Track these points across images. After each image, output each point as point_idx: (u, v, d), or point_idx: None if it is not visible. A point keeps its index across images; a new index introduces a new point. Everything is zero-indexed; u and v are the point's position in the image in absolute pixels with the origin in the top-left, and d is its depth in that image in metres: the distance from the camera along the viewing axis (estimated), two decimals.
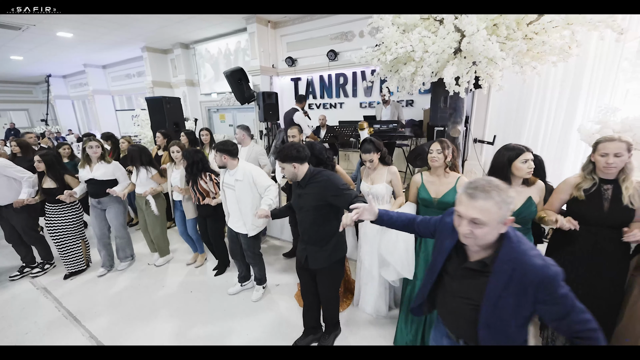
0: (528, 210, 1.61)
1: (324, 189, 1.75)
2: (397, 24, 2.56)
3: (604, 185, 1.52)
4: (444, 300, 1.12)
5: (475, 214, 0.91)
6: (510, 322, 0.96)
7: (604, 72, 3.14)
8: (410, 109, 5.51)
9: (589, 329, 0.90)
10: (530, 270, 0.90)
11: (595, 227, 1.53)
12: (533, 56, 2.37)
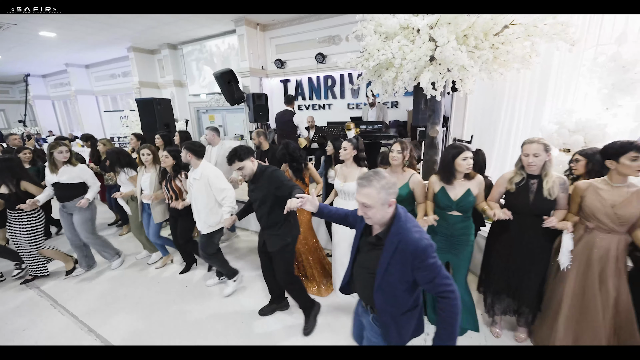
0: (466, 200, 1.90)
1: (269, 183, 2.10)
2: (379, 32, 2.80)
3: (531, 180, 1.80)
4: (356, 273, 1.37)
5: (363, 199, 1.15)
6: (397, 286, 1.20)
7: (566, 78, 3.49)
8: (395, 110, 5.80)
9: (447, 290, 1.13)
10: (409, 242, 1.14)
11: (523, 215, 1.81)
12: (500, 63, 2.66)
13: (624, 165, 1.57)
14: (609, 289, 1.64)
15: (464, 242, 2.00)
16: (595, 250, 1.68)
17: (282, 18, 6.46)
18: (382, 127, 4.31)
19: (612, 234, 1.65)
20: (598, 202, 1.65)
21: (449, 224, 1.99)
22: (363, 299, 1.40)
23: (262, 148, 3.64)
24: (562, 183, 1.74)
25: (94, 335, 2.36)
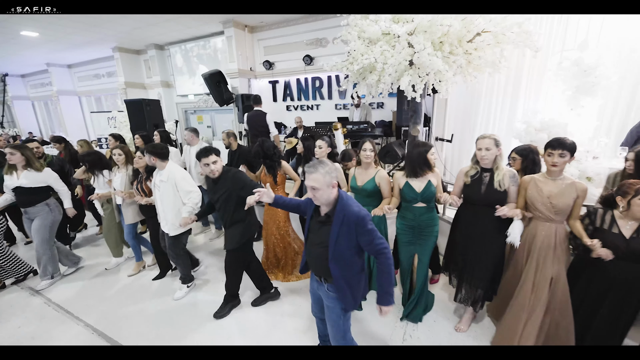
0: (429, 191, 2.11)
1: (232, 183, 2.24)
2: (362, 37, 2.99)
3: (484, 173, 1.98)
4: (309, 250, 1.62)
5: (312, 183, 1.41)
6: (347, 252, 1.49)
7: (536, 80, 3.79)
8: (381, 110, 6.03)
9: (383, 248, 1.45)
10: (352, 215, 1.44)
11: (476, 205, 2.01)
12: (474, 67, 2.90)
13: (545, 159, 1.82)
14: (546, 274, 1.83)
15: (429, 233, 2.21)
16: (536, 238, 1.89)
17: (270, 20, 6.60)
18: (367, 126, 4.52)
19: (551, 223, 1.85)
20: (537, 193, 1.86)
21: (415, 216, 2.20)
22: (318, 273, 1.64)
23: (232, 148, 3.77)
24: (512, 176, 1.94)
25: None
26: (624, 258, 1.64)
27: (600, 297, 1.76)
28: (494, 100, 4.10)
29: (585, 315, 1.83)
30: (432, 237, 2.23)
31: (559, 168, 1.80)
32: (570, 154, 1.76)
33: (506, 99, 4.02)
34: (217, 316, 2.49)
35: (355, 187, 2.43)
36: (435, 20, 2.40)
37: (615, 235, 1.66)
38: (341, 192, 1.50)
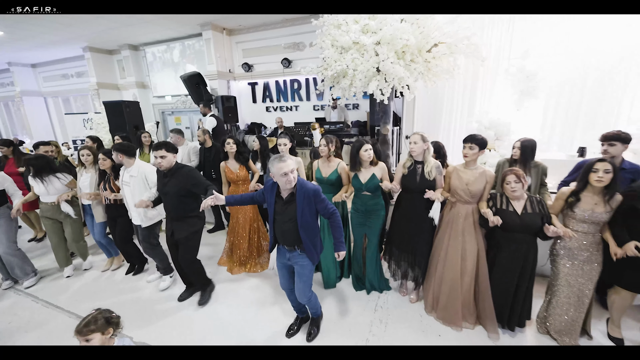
0: (372, 182, 2.49)
1: (185, 179, 2.44)
2: (335, 46, 3.35)
3: (417, 165, 2.40)
4: (280, 228, 2.03)
5: (287, 168, 1.83)
6: (309, 219, 1.96)
7: (489, 85, 4.33)
8: (356, 111, 6.44)
9: (333, 211, 1.99)
10: (309, 190, 1.92)
11: (412, 192, 2.41)
12: (434, 74, 3.34)
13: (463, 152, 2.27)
14: (467, 247, 2.27)
15: (376, 216, 2.59)
16: (459, 216, 2.31)
17: (248, 24, 6.81)
18: (343, 126, 4.88)
19: (468, 205, 2.29)
20: (458, 181, 2.29)
21: (363, 202, 2.57)
22: (290, 244, 2.05)
23: (206, 145, 4.00)
24: (437, 167, 2.37)
25: None
26: (518, 231, 2.09)
27: (501, 263, 2.20)
28: (454, 102, 4.61)
29: (496, 274, 2.25)
30: (379, 220, 2.61)
31: (469, 159, 2.24)
32: (479, 148, 2.20)
33: (465, 101, 4.55)
34: (201, 303, 2.73)
35: (321, 178, 2.78)
36: (395, 34, 2.79)
37: (511, 212, 2.10)
38: (298, 177, 1.95)
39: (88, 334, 1.43)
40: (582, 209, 2.00)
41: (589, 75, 3.84)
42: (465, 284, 2.30)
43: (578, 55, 3.77)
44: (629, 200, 1.96)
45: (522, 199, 2.11)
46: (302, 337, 2.34)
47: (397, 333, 2.35)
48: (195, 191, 2.48)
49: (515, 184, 2.05)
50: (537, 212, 2.07)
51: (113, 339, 1.54)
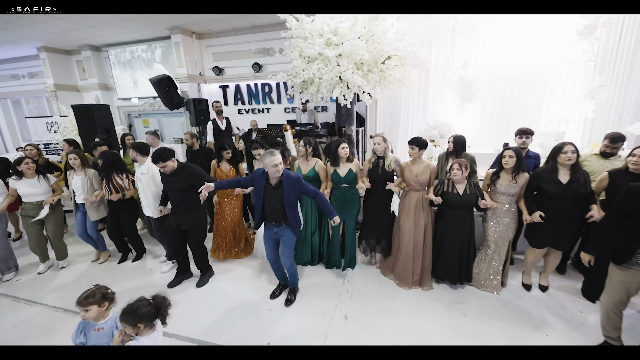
0: (349, 176, 3.05)
1: (191, 177, 2.84)
2: (303, 56, 3.83)
3: (379, 160, 3.00)
4: (269, 209, 2.56)
5: (277, 161, 2.36)
6: (294, 200, 2.50)
7: (438, 91, 5.07)
8: (325, 113, 6.98)
9: (316, 191, 2.54)
10: (292, 177, 2.46)
11: (376, 182, 3.00)
12: (389, 81, 3.95)
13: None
14: (418, 225, 2.89)
15: (352, 205, 3.15)
16: (412, 201, 2.93)
17: (217, 28, 7.09)
18: (313, 127, 5.38)
19: (418, 192, 2.92)
20: (409, 174, 2.91)
21: (342, 193, 3.12)
22: (277, 220, 2.58)
23: (194, 148, 4.36)
24: (396, 161, 2.98)
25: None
26: (460, 207, 2.74)
27: (449, 232, 2.85)
28: (410, 105, 5.31)
29: (441, 245, 2.90)
30: (356, 207, 3.17)
31: (413, 157, 2.89)
32: (419, 148, 2.84)
33: (419, 104, 5.27)
34: (198, 285, 3.12)
35: (300, 175, 3.25)
36: (353, 50, 3.35)
37: (454, 194, 2.74)
38: (284, 169, 2.52)
39: (87, 306, 1.71)
40: (500, 184, 2.72)
41: (515, 84, 4.70)
42: (417, 253, 2.92)
43: (506, 67, 4.61)
44: (535, 181, 2.66)
45: (463, 183, 2.75)
46: (283, 300, 2.86)
47: (360, 299, 2.87)
48: (197, 185, 2.77)
49: (457, 170, 2.68)
50: (474, 193, 2.73)
51: (108, 311, 1.84)
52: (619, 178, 2.37)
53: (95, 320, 1.75)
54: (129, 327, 1.60)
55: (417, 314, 2.65)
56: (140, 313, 1.61)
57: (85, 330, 1.75)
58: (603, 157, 2.83)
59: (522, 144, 3.10)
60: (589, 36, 4.15)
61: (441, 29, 4.78)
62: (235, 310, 2.78)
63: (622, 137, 2.76)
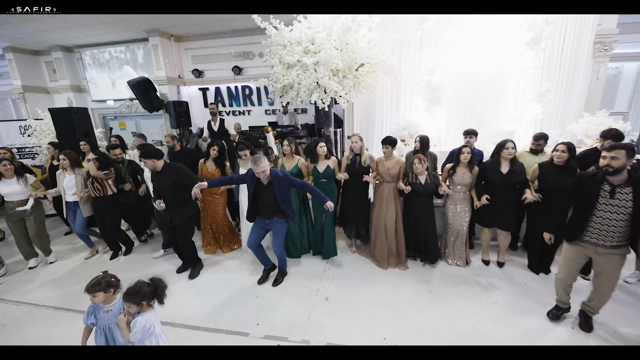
0: (327, 172, 3.43)
1: (177, 175, 3.09)
2: (282, 62, 4.15)
3: (357, 156, 3.43)
4: (262, 204, 2.90)
5: (264, 168, 2.72)
6: (286, 195, 2.88)
7: (409, 94, 5.56)
8: (305, 115, 7.32)
9: (304, 183, 2.93)
10: (280, 175, 2.84)
11: (354, 175, 3.41)
12: (362, 87, 4.35)
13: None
14: (390, 212, 3.34)
15: (331, 198, 3.45)
16: (384, 191, 3.37)
17: (196, 32, 7.23)
18: (294, 129, 5.71)
19: (390, 183, 3.38)
20: (382, 168, 3.37)
21: (321, 187, 3.43)
22: (269, 215, 2.94)
23: (175, 149, 4.54)
24: (370, 157, 3.42)
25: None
26: (423, 195, 3.21)
27: (415, 217, 3.31)
28: (384, 107, 5.77)
29: (409, 229, 3.38)
30: (333, 200, 3.52)
31: (385, 154, 3.33)
32: (391, 146, 3.28)
33: (392, 107, 5.74)
34: (191, 277, 3.38)
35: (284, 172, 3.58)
36: (329, 58, 3.71)
37: (418, 184, 3.20)
38: (272, 169, 2.86)
39: (94, 292, 1.94)
40: (457, 176, 3.20)
41: (475, 89, 5.27)
42: (389, 238, 3.36)
43: (468, 74, 5.16)
44: (483, 172, 3.16)
45: (424, 174, 3.22)
46: (270, 288, 3.17)
47: (340, 283, 3.23)
48: (186, 183, 3.08)
49: (418, 164, 3.14)
50: (433, 182, 3.21)
51: (115, 295, 2.07)
52: (546, 169, 2.91)
53: (104, 304, 1.98)
54: (132, 305, 1.86)
55: (390, 291, 3.04)
56: (142, 292, 1.87)
57: (95, 312, 1.98)
58: (533, 154, 3.39)
59: (468, 142, 3.62)
60: (535, 47, 4.77)
61: (410, 39, 5.27)
62: (226, 298, 3.05)
63: (543, 136, 3.37)
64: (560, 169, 2.80)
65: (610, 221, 2.12)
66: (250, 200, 2.93)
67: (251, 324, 2.68)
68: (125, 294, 1.86)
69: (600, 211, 2.15)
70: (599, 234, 2.18)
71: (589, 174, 2.26)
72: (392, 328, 2.57)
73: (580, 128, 4.33)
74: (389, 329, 2.56)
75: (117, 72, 7.94)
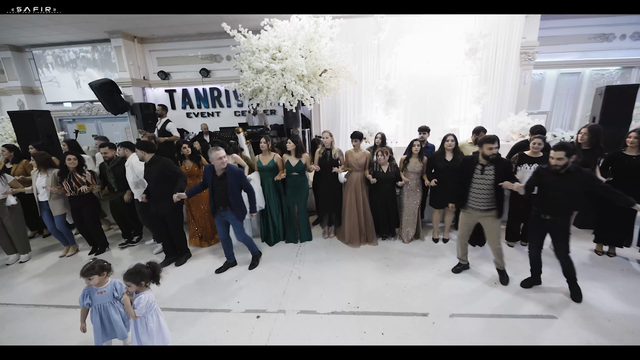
0: (300, 166, 3.88)
1: (163, 168, 3.43)
2: (251, 68, 4.53)
3: (328, 151, 3.94)
4: (217, 196, 3.23)
5: (222, 154, 3.14)
6: (236, 190, 3.23)
7: (370, 97, 6.19)
8: (274, 116, 7.70)
9: (249, 186, 3.33)
10: (235, 170, 3.23)
11: (325, 168, 3.90)
12: (326, 90, 4.86)
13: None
14: (359, 196, 3.89)
15: (302, 190, 3.98)
16: (353, 179, 3.91)
17: (161, 34, 7.30)
18: (264, 129, 6.07)
19: (358, 172, 3.92)
20: (351, 158, 3.90)
21: (293, 180, 3.92)
22: (223, 206, 3.25)
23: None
24: (339, 151, 3.94)
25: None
26: (385, 182, 3.79)
27: (379, 201, 3.89)
28: (348, 109, 6.36)
29: (376, 212, 3.95)
30: (305, 192, 4.00)
31: (355, 146, 3.86)
32: (359, 139, 3.82)
33: (355, 108, 6.34)
34: (177, 265, 3.68)
35: (262, 167, 3.99)
36: (295, 66, 4.17)
37: (381, 172, 3.78)
38: (229, 164, 3.22)
39: (89, 275, 2.22)
40: (410, 165, 3.81)
41: (426, 92, 6.04)
42: (360, 220, 3.92)
43: (418, 79, 5.91)
44: (431, 161, 3.81)
45: (386, 164, 3.80)
46: (248, 274, 3.50)
47: (311, 264, 3.67)
48: (170, 175, 3.41)
49: (381, 156, 3.72)
50: (394, 171, 3.81)
51: (107, 278, 2.34)
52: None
53: (97, 286, 2.25)
54: (132, 285, 2.16)
55: (354, 267, 3.55)
56: (142, 273, 2.18)
57: (90, 293, 2.24)
58: (473, 144, 4.12)
59: (421, 137, 4.27)
60: (473, 57, 5.62)
61: (368, 47, 5.91)
62: (208, 283, 3.36)
63: (482, 129, 4.10)
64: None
65: (482, 191, 2.92)
66: (210, 192, 3.28)
67: (232, 302, 3.04)
68: (127, 273, 2.15)
69: (475, 184, 2.94)
70: (476, 201, 2.97)
71: (469, 158, 3.05)
72: (355, 295, 3.06)
73: (508, 125, 5.20)
74: (352, 296, 3.06)
75: (75, 73, 7.72)
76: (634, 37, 7.02)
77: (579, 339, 2.41)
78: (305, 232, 4.16)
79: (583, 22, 6.88)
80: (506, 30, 5.89)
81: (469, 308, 2.82)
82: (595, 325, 2.55)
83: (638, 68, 7.22)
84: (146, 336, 2.15)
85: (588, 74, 7.29)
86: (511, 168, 3.04)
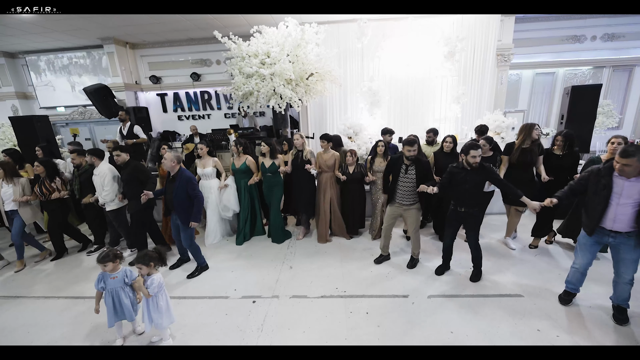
0: (273, 167, 4.15)
1: (134, 170, 3.79)
2: (242, 72, 4.88)
3: (300, 152, 4.19)
4: (167, 198, 3.49)
5: (166, 158, 3.37)
6: (183, 196, 3.35)
7: (356, 98, 6.58)
8: (263, 118, 8.03)
9: (196, 194, 3.40)
10: (185, 175, 3.37)
11: (297, 169, 4.18)
12: (313, 93, 5.23)
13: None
14: (327, 196, 4.21)
15: (277, 189, 4.22)
16: (323, 179, 4.21)
17: (152, 39, 7.55)
18: (254, 130, 6.42)
19: (327, 173, 4.20)
20: (321, 160, 4.20)
21: (267, 180, 4.20)
22: (172, 208, 3.43)
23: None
24: (310, 152, 4.21)
25: None
26: (351, 181, 4.12)
27: (348, 198, 4.25)
28: (334, 110, 6.73)
29: (347, 209, 4.30)
30: (279, 192, 4.29)
31: (323, 148, 4.15)
32: (327, 141, 4.13)
33: (341, 109, 6.72)
34: (131, 264, 3.84)
35: (235, 169, 4.30)
36: (283, 70, 4.53)
37: (349, 172, 4.11)
38: (181, 166, 3.40)
39: (105, 263, 2.54)
40: (376, 164, 4.15)
41: (408, 93, 6.45)
42: (328, 217, 4.26)
43: (401, 80, 6.31)
44: (394, 160, 4.17)
45: (354, 165, 4.13)
46: (239, 264, 3.82)
47: (301, 256, 4.03)
48: (141, 178, 3.75)
49: (349, 156, 4.07)
50: (360, 171, 4.14)
51: (119, 265, 2.65)
52: (438, 155, 4.03)
53: (111, 272, 2.58)
54: (143, 267, 2.50)
55: (339, 259, 3.91)
56: (149, 255, 2.51)
57: (104, 279, 2.56)
58: (429, 145, 4.50)
59: (385, 139, 4.59)
60: (451, 59, 6.04)
61: (352, 51, 6.29)
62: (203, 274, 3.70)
63: (433, 130, 4.47)
64: (448, 155, 3.93)
65: (406, 188, 3.29)
66: (166, 196, 3.50)
67: (230, 289, 3.37)
68: (136, 257, 2.49)
69: (400, 181, 3.31)
70: (402, 197, 3.34)
71: (395, 158, 3.42)
72: (342, 281, 3.43)
73: (484, 123, 5.62)
74: (339, 282, 3.41)
75: (69, 78, 7.94)
76: (603, 38, 7.55)
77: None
78: (280, 230, 4.38)
79: (555, 25, 7.38)
80: (482, 33, 6.33)
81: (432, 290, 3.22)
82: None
83: (608, 68, 7.76)
84: (157, 314, 2.48)
85: (562, 73, 7.79)
86: (430, 168, 3.42)
